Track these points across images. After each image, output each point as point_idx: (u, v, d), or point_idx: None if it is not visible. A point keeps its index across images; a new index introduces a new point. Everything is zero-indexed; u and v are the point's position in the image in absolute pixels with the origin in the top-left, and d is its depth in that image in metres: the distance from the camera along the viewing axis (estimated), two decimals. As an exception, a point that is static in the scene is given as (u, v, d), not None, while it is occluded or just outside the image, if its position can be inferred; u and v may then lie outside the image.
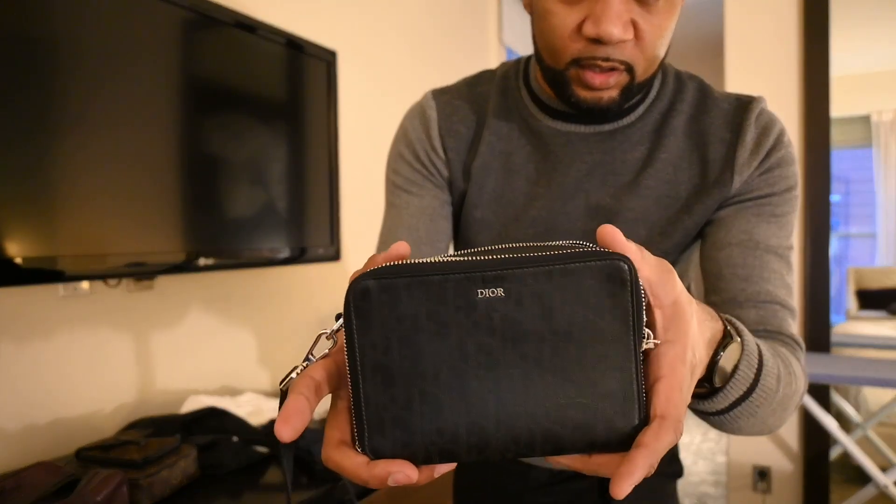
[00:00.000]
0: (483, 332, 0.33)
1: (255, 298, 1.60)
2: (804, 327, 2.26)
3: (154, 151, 1.15)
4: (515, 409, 0.34)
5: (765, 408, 0.52)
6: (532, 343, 0.33)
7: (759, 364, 0.50)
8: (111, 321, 1.26)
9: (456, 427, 0.34)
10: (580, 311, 0.33)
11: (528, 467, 0.83)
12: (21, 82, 0.95)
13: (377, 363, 0.34)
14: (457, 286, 0.33)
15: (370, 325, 0.34)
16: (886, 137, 3.92)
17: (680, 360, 0.35)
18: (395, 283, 0.33)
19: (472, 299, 0.33)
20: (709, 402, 0.50)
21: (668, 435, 0.33)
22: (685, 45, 4.12)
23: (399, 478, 0.34)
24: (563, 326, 0.33)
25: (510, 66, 0.77)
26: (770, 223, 0.64)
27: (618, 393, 0.33)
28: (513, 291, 0.33)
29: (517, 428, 0.34)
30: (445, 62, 2.43)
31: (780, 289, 0.63)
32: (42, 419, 1.14)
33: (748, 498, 2.36)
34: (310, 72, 1.52)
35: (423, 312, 0.33)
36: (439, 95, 0.78)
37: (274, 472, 1.08)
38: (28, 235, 0.96)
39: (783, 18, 2.27)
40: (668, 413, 0.33)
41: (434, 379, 0.34)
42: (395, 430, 0.34)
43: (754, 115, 0.66)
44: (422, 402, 0.34)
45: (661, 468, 0.82)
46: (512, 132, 0.73)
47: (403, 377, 0.34)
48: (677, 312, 0.36)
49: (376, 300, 0.33)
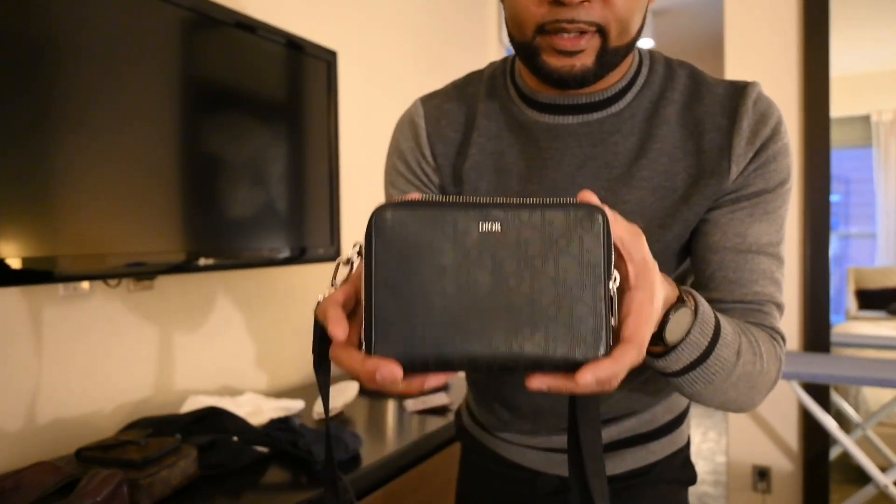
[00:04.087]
0: (480, 260, 0.40)
1: (255, 298, 1.60)
2: (804, 327, 2.26)
3: (154, 151, 1.15)
4: (502, 329, 0.40)
5: (721, 378, 0.57)
6: (520, 272, 0.40)
7: (714, 333, 0.55)
8: (111, 321, 1.26)
9: (451, 340, 0.40)
10: (563, 246, 0.40)
11: (535, 474, 0.80)
12: (21, 82, 0.95)
13: (389, 279, 0.40)
14: (462, 219, 0.40)
15: (387, 247, 0.40)
16: (886, 137, 3.92)
17: (647, 302, 0.43)
18: (411, 213, 0.40)
19: (473, 231, 0.40)
20: (663, 360, 0.55)
21: (632, 352, 0.41)
22: (685, 45, 4.12)
23: (384, 373, 0.38)
24: (547, 260, 0.40)
25: (497, 65, 0.76)
26: (762, 221, 0.65)
27: (589, 319, 0.40)
28: (507, 227, 0.40)
29: (503, 345, 0.40)
30: (445, 62, 2.43)
31: (769, 286, 0.65)
32: (42, 419, 1.14)
33: (748, 498, 2.36)
34: (310, 72, 1.52)
35: (432, 239, 0.40)
36: (427, 101, 0.77)
37: (274, 472, 1.08)
38: (28, 235, 0.96)
39: (783, 18, 2.27)
40: (633, 338, 0.41)
41: (436, 297, 0.40)
42: (398, 339, 0.39)
43: (751, 100, 0.64)
44: (424, 316, 0.40)
45: (674, 475, 0.79)
46: (501, 131, 0.72)
47: (410, 293, 0.40)
48: (645, 267, 0.44)
49: (394, 225, 0.40)
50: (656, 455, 0.78)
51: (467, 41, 2.60)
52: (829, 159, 2.23)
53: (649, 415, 0.77)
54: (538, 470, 0.80)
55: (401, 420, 1.39)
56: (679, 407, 0.80)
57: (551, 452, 0.78)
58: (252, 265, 1.37)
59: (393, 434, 1.30)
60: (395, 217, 0.40)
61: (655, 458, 0.78)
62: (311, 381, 1.77)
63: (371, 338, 0.40)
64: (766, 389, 0.63)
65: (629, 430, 0.77)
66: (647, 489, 0.77)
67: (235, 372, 1.54)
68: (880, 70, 3.81)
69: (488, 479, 0.85)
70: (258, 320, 1.61)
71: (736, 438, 2.38)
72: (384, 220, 0.40)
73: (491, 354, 0.40)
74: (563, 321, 0.40)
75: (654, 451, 0.78)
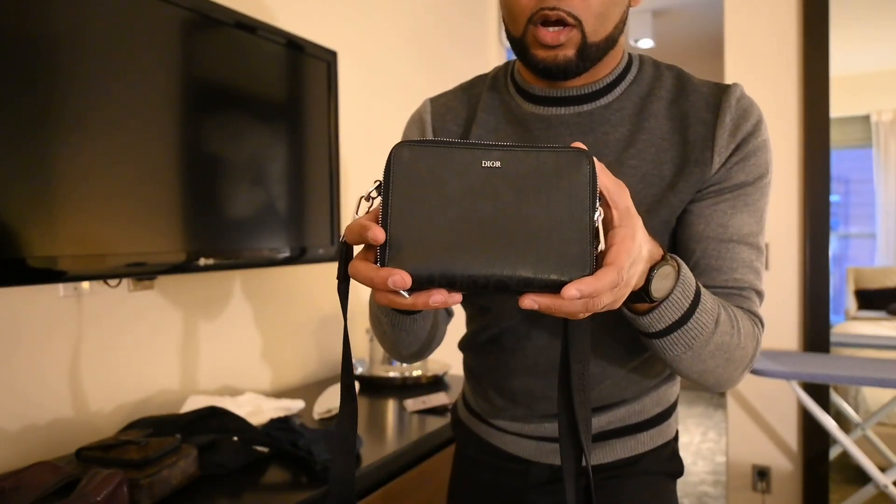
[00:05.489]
0: (482, 191, 0.46)
1: (255, 298, 1.60)
2: (804, 327, 2.26)
3: (155, 151, 1.15)
4: (499, 252, 0.45)
5: (700, 343, 0.63)
6: (517, 203, 0.46)
7: (695, 297, 0.60)
8: (111, 321, 1.26)
9: (454, 260, 0.45)
10: (554, 182, 0.46)
11: (529, 464, 0.83)
12: (21, 83, 0.95)
13: (403, 205, 0.46)
14: (469, 155, 0.46)
15: (403, 177, 0.46)
16: (886, 137, 3.93)
17: (630, 237, 0.48)
18: (424, 150, 0.47)
19: (477, 166, 0.46)
20: (647, 318, 0.61)
21: (612, 274, 0.46)
22: (685, 46, 4.12)
23: (396, 279, 0.44)
24: (540, 193, 0.46)
25: (500, 66, 0.83)
26: (743, 212, 0.70)
27: (576, 245, 0.45)
28: (507, 164, 0.46)
29: (499, 266, 0.45)
30: (445, 63, 2.43)
31: (749, 274, 0.70)
32: (42, 419, 1.14)
33: (748, 498, 2.36)
34: (310, 72, 1.52)
35: (441, 172, 0.46)
36: (435, 100, 0.84)
37: (274, 472, 1.08)
38: (28, 235, 0.96)
39: (783, 18, 2.28)
40: (614, 263, 0.47)
41: (443, 221, 0.45)
42: (409, 255, 0.45)
43: (734, 97, 0.70)
44: (432, 237, 0.45)
45: (662, 466, 0.82)
46: (499, 123, 0.78)
47: (421, 217, 0.46)
48: (628, 213, 0.50)
49: (410, 159, 0.46)
50: (645, 446, 0.81)
51: (467, 41, 2.60)
52: (829, 159, 2.23)
53: (639, 406, 0.80)
54: (530, 460, 0.82)
55: (401, 420, 1.39)
56: (668, 400, 0.83)
57: (544, 441, 0.81)
58: (252, 265, 1.37)
59: (393, 434, 1.30)
60: (411, 152, 0.46)
61: (644, 448, 0.81)
62: (312, 381, 1.77)
63: (385, 253, 0.45)
64: (743, 367, 0.69)
65: (619, 419, 0.80)
66: (634, 479, 0.80)
67: (235, 372, 1.54)
68: (880, 70, 3.81)
69: (481, 471, 0.88)
70: (258, 320, 1.61)
71: (736, 438, 2.38)
72: (401, 155, 0.46)
73: (489, 274, 0.45)
74: (553, 246, 0.45)
75: (643, 441, 0.81)
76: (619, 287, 0.48)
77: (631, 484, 0.80)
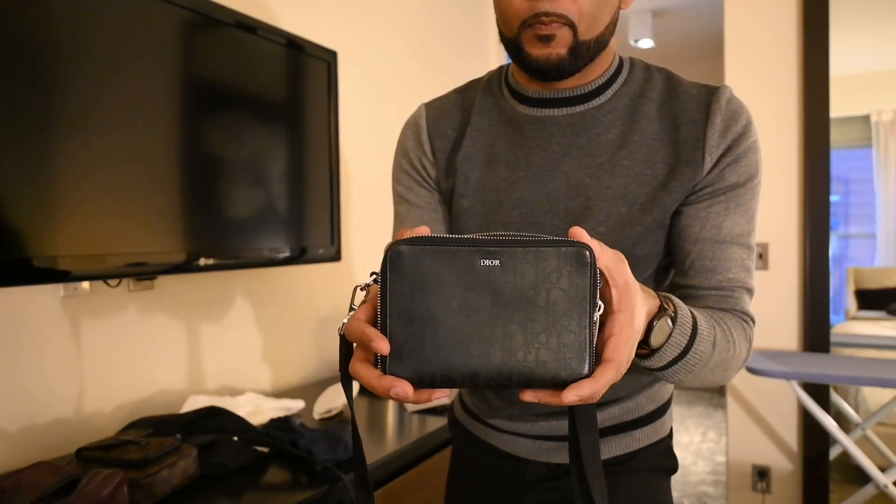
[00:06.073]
0: (481, 291, 0.46)
1: (255, 298, 1.60)
2: (804, 327, 2.26)
3: (155, 151, 1.15)
4: (499, 351, 0.46)
5: (700, 367, 0.64)
6: (516, 303, 0.46)
7: (692, 332, 0.62)
8: (111, 321, 1.26)
9: (455, 360, 0.46)
10: (553, 281, 0.46)
11: (526, 463, 0.83)
12: (21, 83, 0.95)
13: (402, 307, 0.46)
14: (466, 255, 0.46)
15: (400, 278, 0.45)
16: (886, 137, 3.93)
17: (628, 324, 0.49)
18: (422, 249, 0.46)
19: (476, 266, 0.46)
20: (649, 360, 0.62)
21: (611, 372, 0.46)
22: (685, 46, 4.12)
23: (398, 391, 0.45)
24: (540, 292, 0.46)
25: (495, 70, 0.84)
26: (736, 213, 0.72)
27: (575, 344, 0.46)
28: (506, 263, 0.46)
29: (499, 366, 0.46)
30: (445, 63, 2.43)
31: (741, 273, 0.73)
32: (42, 419, 1.14)
33: (748, 498, 2.36)
34: (310, 72, 1.52)
35: (439, 272, 0.46)
36: (430, 104, 0.86)
37: (274, 472, 1.08)
38: (29, 236, 0.96)
39: (783, 18, 2.28)
40: (613, 358, 0.47)
41: (443, 323, 0.46)
42: (409, 359, 0.45)
43: (724, 98, 0.71)
44: (432, 339, 0.45)
45: (656, 463, 0.83)
46: (493, 126, 0.79)
47: (420, 319, 0.46)
48: (627, 290, 0.49)
49: (407, 259, 0.46)
50: (640, 443, 0.82)
51: (467, 41, 2.60)
52: (829, 159, 2.23)
53: (633, 403, 0.81)
54: (528, 458, 0.83)
55: (401, 420, 1.39)
56: (662, 398, 0.85)
57: (539, 440, 0.82)
58: (252, 265, 1.37)
59: (393, 434, 1.30)
60: (408, 252, 0.46)
61: (639, 445, 0.82)
62: (311, 381, 1.77)
63: (386, 359, 0.46)
64: (738, 367, 0.72)
65: (614, 417, 0.81)
66: (629, 475, 0.81)
67: (236, 372, 1.54)
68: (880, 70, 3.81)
69: (479, 470, 0.88)
70: (258, 320, 1.61)
71: (736, 438, 2.38)
72: (398, 255, 0.46)
73: (489, 373, 0.46)
74: (552, 346, 0.46)
75: (638, 438, 0.82)
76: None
77: (626, 481, 0.81)
